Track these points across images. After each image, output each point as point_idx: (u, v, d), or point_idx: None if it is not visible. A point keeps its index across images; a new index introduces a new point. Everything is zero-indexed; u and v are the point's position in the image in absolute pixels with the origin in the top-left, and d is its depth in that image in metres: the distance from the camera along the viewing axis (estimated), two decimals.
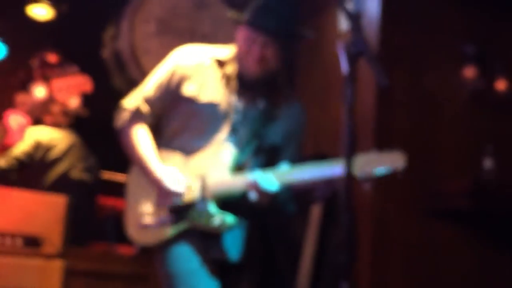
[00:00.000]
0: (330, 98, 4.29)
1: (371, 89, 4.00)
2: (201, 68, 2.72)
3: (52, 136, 4.28)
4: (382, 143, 3.90)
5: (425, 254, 3.91)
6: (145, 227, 2.61)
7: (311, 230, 3.41)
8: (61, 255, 3.31)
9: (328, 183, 2.95)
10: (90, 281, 3.72)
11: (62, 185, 4.17)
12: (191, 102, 2.68)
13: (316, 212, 3.48)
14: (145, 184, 2.65)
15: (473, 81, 4.13)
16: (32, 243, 3.23)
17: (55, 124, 4.27)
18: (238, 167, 2.67)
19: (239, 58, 2.72)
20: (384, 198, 3.88)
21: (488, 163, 3.99)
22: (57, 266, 3.27)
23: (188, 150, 2.67)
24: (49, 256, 3.28)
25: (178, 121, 2.72)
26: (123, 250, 3.96)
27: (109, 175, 4.82)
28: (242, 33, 2.70)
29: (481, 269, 3.97)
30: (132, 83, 4.16)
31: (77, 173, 4.36)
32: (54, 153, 4.27)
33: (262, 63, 2.66)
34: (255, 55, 2.64)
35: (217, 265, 2.61)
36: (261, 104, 2.74)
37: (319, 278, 3.36)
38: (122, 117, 2.73)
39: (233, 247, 2.66)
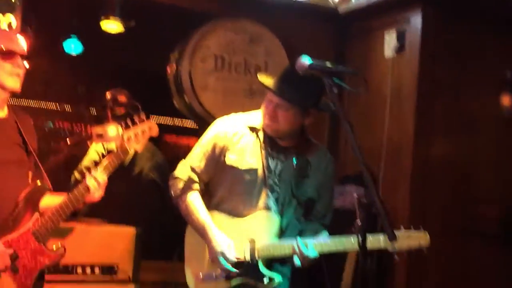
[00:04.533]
0: (374, 119, 4.42)
1: (410, 118, 4.14)
2: (238, 138, 2.91)
3: None
4: (420, 169, 4.08)
5: (458, 268, 4.10)
6: (203, 281, 2.85)
7: (349, 261, 3.63)
8: (133, 279, 3.62)
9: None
10: None
11: (136, 187, 4.38)
12: (233, 169, 2.87)
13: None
14: (201, 242, 2.87)
15: (509, 107, 4.21)
16: (108, 271, 3.54)
17: None
18: (282, 229, 2.87)
19: (263, 118, 2.89)
20: (421, 218, 4.07)
21: None
22: None
23: (237, 214, 2.88)
24: (123, 281, 3.59)
25: (224, 187, 2.92)
26: None
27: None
28: (267, 97, 2.87)
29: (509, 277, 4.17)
30: (190, 109, 4.41)
31: (147, 173, 4.47)
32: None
33: (273, 120, 2.83)
34: (269, 112, 2.83)
35: None
36: (293, 163, 2.90)
37: None
38: (177, 186, 2.95)
39: None
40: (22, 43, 2.85)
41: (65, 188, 4.33)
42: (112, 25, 5.10)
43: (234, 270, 2.79)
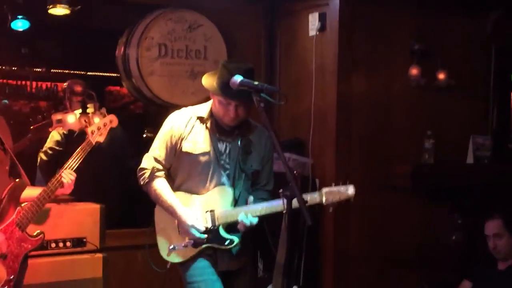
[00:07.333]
0: (302, 90, 4.89)
1: (333, 89, 4.66)
2: (190, 127, 3.39)
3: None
4: (342, 134, 4.63)
5: (377, 217, 4.73)
6: (173, 250, 3.37)
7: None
8: (101, 249, 4.07)
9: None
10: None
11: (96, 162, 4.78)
12: (189, 155, 3.37)
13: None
14: (168, 218, 3.38)
15: (417, 77, 4.77)
16: (79, 243, 3.99)
17: None
18: (235, 199, 3.39)
19: (218, 115, 3.36)
20: (345, 175, 4.63)
21: (427, 145, 4.74)
22: (98, 258, 4.04)
23: (197, 191, 3.39)
24: (92, 251, 4.04)
25: (183, 170, 3.41)
26: None
27: None
28: (217, 98, 3.32)
29: (421, 222, 4.82)
30: (138, 91, 4.82)
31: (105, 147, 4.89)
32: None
33: (236, 119, 3.34)
34: (231, 115, 3.30)
35: (222, 274, 3.40)
36: (239, 143, 3.41)
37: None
38: (144, 176, 3.42)
39: (234, 259, 3.44)
40: None
41: (32, 169, 4.73)
42: (59, 10, 5.34)
43: (204, 236, 3.31)
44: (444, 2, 4.82)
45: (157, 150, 3.43)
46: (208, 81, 3.35)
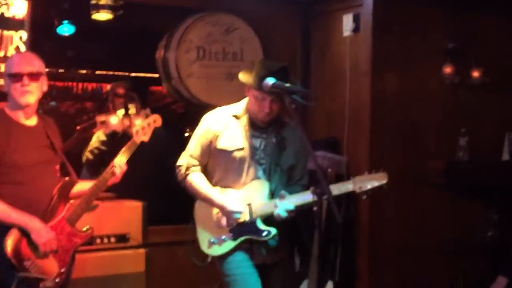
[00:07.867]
0: (337, 90, 4.99)
1: (366, 88, 4.76)
2: (225, 126, 3.52)
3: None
4: (376, 132, 4.72)
5: (412, 212, 4.82)
6: (213, 243, 3.51)
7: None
8: (143, 245, 4.28)
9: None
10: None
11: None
12: (224, 152, 3.51)
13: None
14: (208, 213, 3.54)
15: (451, 75, 4.83)
16: (122, 239, 4.20)
17: None
18: (272, 192, 3.51)
19: (253, 111, 3.48)
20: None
21: (462, 142, 4.79)
22: (141, 254, 4.26)
23: (233, 187, 3.51)
24: (135, 247, 4.25)
25: (220, 167, 3.54)
26: None
27: None
28: (252, 92, 3.45)
29: (455, 217, 4.90)
30: (177, 93, 4.99)
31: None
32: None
33: (270, 114, 3.46)
34: (265, 110, 3.42)
35: (259, 267, 3.51)
36: (273, 139, 3.54)
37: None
38: (180, 172, 3.57)
39: (271, 253, 3.55)
40: (32, 62, 3.30)
41: (77, 168, 4.94)
42: (102, 15, 5.56)
43: (239, 215, 3.42)
44: (478, 0, 4.87)
45: (192, 147, 3.59)
46: (245, 76, 3.50)
